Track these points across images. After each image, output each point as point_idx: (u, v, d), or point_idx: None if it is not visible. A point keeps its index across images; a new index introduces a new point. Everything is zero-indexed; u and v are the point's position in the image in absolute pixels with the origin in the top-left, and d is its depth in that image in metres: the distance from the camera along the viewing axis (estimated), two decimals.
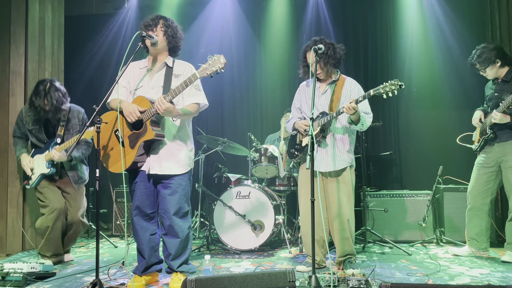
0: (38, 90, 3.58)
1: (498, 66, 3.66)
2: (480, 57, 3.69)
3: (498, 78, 3.71)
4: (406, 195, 4.66)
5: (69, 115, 3.73)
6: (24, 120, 3.76)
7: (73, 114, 3.76)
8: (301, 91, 3.60)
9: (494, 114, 3.55)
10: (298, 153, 3.50)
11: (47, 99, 3.54)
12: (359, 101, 3.11)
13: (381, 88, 3.03)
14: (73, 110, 3.78)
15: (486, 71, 3.71)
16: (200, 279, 2.48)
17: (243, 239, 4.14)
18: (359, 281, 2.72)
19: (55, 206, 3.64)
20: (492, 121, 3.59)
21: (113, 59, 6.07)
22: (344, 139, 3.41)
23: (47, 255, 3.69)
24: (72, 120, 3.75)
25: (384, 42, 5.63)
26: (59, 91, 3.61)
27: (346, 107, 3.12)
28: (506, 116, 3.52)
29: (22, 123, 3.78)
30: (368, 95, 3.10)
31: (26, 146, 3.82)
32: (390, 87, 3.00)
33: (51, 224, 3.62)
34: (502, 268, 3.40)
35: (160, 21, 3.05)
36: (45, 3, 4.70)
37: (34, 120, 3.71)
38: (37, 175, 3.65)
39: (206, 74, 2.78)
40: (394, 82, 2.99)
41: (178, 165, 3.01)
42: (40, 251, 3.72)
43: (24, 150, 3.78)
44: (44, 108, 3.56)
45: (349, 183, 3.40)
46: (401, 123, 5.53)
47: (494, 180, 3.74)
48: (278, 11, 5.93)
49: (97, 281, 2.65)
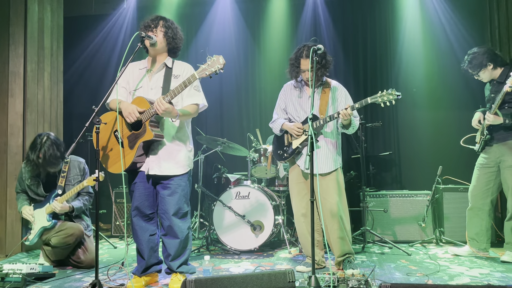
0: (34, 144, 3.58)
1: (490, 69, 3.71)
2: (471, 63, 3.75)
3: (494, 79, 3.73)
4: (406, 195, 4.66)
5: (69, 166, 3.73)
6: (24, 177, 3.74)
7: (73, 165, 3.77)
8: (286, 92, 3.60)
9: (487, 116, 3.61)
10: (288, 154, 3.50)
11: (41, 153, 3.53)
12: (355, 108, 3.13)
13: (379, 97, 3.07)
14: (73, 161, 3.78)
15: (480, 75, 3.77)
16: (200, 280, 2.48)
17: (243, 239, 4.14)
18: (358, 281, 2.72)
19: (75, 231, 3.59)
20: (486, 123, 3.64)
21: (112, 59, 6.07)
22: (334, 141, 3.44)
23: (51, 259, 3.67)
24: (73, 171, 3.75)
25: (383, 42, 5.63)
26: (54, 145, 3.57)
27: (343, 114, 3.14)
28: (497, 118, 3.57)
29: (22, 180, 3.77)
30: (365, 102, 3.11)
31: (27, 199, 3.79)
32: (387, 96, 3.04)
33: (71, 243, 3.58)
34: (502, 268, 3.40)
35: (160, 22, 3.05)
36: (44, 4, 4.70)
37: (31, 176, 3.70)
38: (37, 229, 3.61)
39: (205, 75, 2.77)
40: (392, 92, 3.02)
41: (177, 166, 3.01)
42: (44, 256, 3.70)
43: (26, 203, 3.76)
44: (37, 163, 3.54)
45: (341, 183, 3.43)
46: (400, 123, 5.53)
47: (494, 180, 3.76)
48: (277, 12, 5.93)
49: (97, 282, 2.64)
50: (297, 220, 3.53)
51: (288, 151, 3.50)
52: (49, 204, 3.60)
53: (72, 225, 3.62)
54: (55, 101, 4.86)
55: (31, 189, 3.72)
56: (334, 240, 3.37)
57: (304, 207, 3.45)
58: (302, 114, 3.46)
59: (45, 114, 4.70)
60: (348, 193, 3.60)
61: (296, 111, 3.50)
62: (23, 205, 3.72)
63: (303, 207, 3.46)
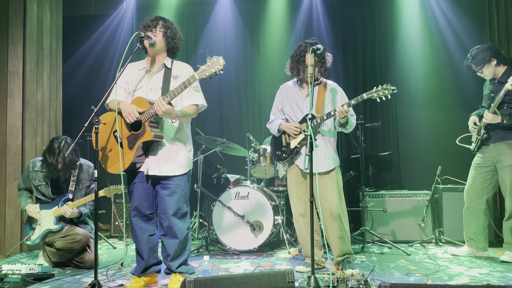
0: (52, 148, 3.58)
1: (494, 65, 3.69)
2: (474, 59, 3.74)
3: (495, 78, 3.73)
4: (405, 195, 4.66)
5: (79, 170, 3.76)
6: (31, 176, 3.74)
7: (82, 169, 3.79)
8: (283, 92, 3.61)
9: (486, 114, 3.62)
10: (286, 155, 3.50)
11: (60, 158, 3.55)
12: (352, 104, 3.13)
13: (374, 92, 3.08)
14: (83, 166, 3.81)
15: (483, 71, 3.75)
16: (199, 280, 2.48)
17: (242, 239, 4.14)
18: (358, 281, 2.72)
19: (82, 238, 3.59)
20: (484, 121, 3.65)
21: (111, 59, 6.07)
22: (331, 140, 3.45)
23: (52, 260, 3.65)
24: (82, 175, 3.78)
25: (383, 42, 5.64)
26: (73, 151, 3.56)
27: (339, 111, 3.14)
28: (496, 117, 3.57)
29: (28, 178, 3.77)
30: (361, 98, 3.12)
31: (30, 197, 3.80)
32: (383, 91, 3.05)
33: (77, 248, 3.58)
34: (501, 268, 3.40)
35: (159, 22, 3.05)
36: (43, 4, 4.70)
37: (43, 177, 3.71)
38: (42, 230, 3.61)
39: (205, 76, 2.77)
40: (387, 86, 3.04)
41: (177, 166, 3.01)
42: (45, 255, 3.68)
43: (30, 201, 3.76)
44: (57, 167, 3.56)
45: (339, 182, 3.43)
46: (399, 123, 5.53)
47: (490, 180, 3.76)
48: (276, 12, 5.93)
49: (96, 282, 2.64)
50: (296, 220, 3.53)
51: (286, 151, 3.50)
52: (57, 207, 3.60)
53: (80, 232, 3.61)
54: (54, 101, 4.86)
55: (39, 189, 3.72)
56: (333, 240, 3.37)
57: (302, 207, 3.46)
58: (299, 113, 3.47)
59: (44, 114, 4.70)
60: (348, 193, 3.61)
61: (293, 111, 3.50)
62: (27, 203, 3.72)
63: (301, 207, 3.46)
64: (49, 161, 3.56)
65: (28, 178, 3.76)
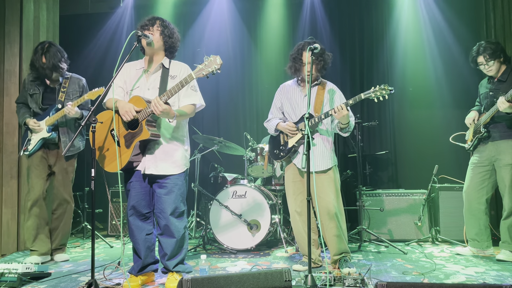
0: (37, 49, 3.75)
1: (501, 61, 3.67)
2: (486, 50, 3.65)
3: (494, 77, 3.72)
4: (402, 194, 4.67)
5: (69, 82, 3.88)
6: (26, 87, 3.87)
7: (73, 81, 3.92)
8: (282, 91, 3.62)
9: (501, 101, 3.39)
10: (284, 153, 3.51)
11: (45, 57, 3.69)
12: (349, 104, 3.14)
13: (372, 93, 3.09)
14: (73, 78, 3.95)
15: (490, 65, 3.66)
16: (196, 279, 2.48)
17: (239, 238, 4.14)
18: (355, 280, 2.73)
19: (36, 194, 3.73)
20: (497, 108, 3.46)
21: (108, 58, 6.05)
22: (328, 139, 3.46)
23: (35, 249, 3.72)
24: (72, 86, 3.90)
25: (380, 41, 5.65)
26: (58, 50, 3.77)
27: (336, 109, 3.14)
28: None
29: (25, 90, 3.89)
30: (359, 98, 3.13)
31: (29, 112, 3.87)
32: (380, 91, 3.06)
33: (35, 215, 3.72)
34: (497, 266, 3.42)
35: (157, 21, 3.05)
36: (39, 2, 4.68)
37: (35, 83, 3.82)
38: (36, 140, 3.74)
39: (202, 75, 2.77)
40: (385, 87, 3.04)
41: (174, 165, 3.00)
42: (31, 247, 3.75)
43: (28, 115, 3.85)
44: (42, 65, 3.69)
45: (337, 181, 3.44)
46: (396, 122, 5.55)
47: (488, 179, 3.75)
48: (274, 11, 5.93)
49: (93, 281, 2.64)
50: (293, 219, 3.54)
51: (284, 150, 3.51)
52: (49, 117, 3.74)
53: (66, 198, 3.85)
54: None
55: (33, 98, 3.83)
56: (330, 238, 3.37)
57: (299, 206, 3.46)
58: (298, 112, 3.48)
59: None
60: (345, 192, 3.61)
61: (293, 110, 3.51)
62: (25, 117, 3.83)
63: (298, 205, 3.47)
64: (35, 61, 3.70)
65: (24, 90, 3.89)
